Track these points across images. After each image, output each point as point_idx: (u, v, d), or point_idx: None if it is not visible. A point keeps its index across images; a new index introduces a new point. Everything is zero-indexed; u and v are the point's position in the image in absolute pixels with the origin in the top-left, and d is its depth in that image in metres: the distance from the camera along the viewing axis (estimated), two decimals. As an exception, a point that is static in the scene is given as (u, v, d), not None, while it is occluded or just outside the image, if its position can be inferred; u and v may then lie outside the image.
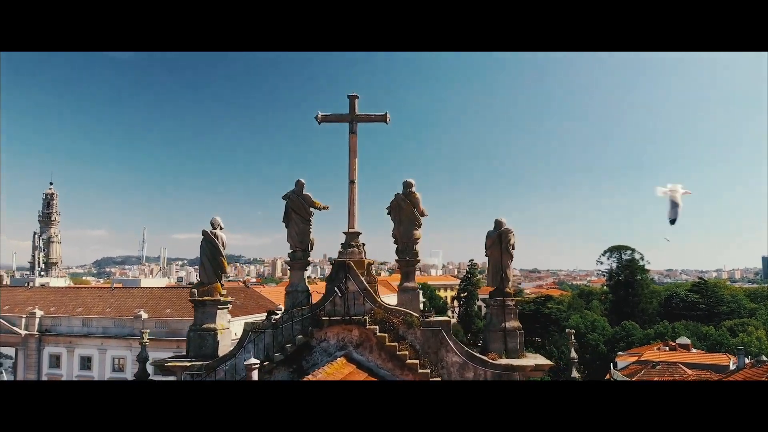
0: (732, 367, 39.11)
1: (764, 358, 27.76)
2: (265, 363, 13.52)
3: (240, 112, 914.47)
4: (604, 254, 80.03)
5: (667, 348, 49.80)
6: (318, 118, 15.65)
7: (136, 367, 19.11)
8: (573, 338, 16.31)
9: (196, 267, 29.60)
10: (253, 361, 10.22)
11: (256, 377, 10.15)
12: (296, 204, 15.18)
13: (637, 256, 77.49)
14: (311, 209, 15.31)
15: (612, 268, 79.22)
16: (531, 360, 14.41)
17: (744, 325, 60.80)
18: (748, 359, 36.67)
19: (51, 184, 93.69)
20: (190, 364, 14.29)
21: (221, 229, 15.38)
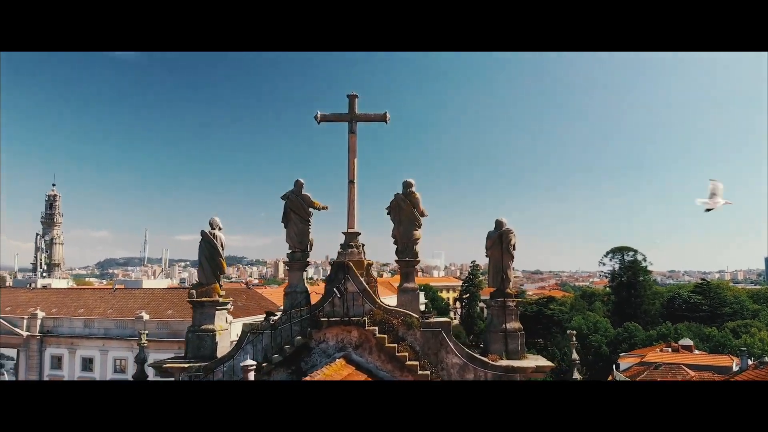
0: (735, 368, 38.98)
1: (767, 359, 27.61)
2: (264, 364, 13.43)
3: (240, 113, 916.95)
4: (607, 255, 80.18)
5: (670, 349, 49.59)
6: (317, 117, 15.58)
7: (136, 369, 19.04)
8: (575, 339, 16.24)
9: (198, 268, 29.44)
10: (249, 362, 10.13)
11: (253, 379, 10.06)
12: (295, 204, 15.09)
13: (639, 258, 77.66)
14: (310, 209, 15.21)
15: (615, 269, 79.37)
16: (532, 361, 14.28)
17: (747, 326, 60.66)
18: (751, 360, 36.59)
19: (54, 185, 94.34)
20: (188, 365, 14.20)
21: (220, 229, 15.28)
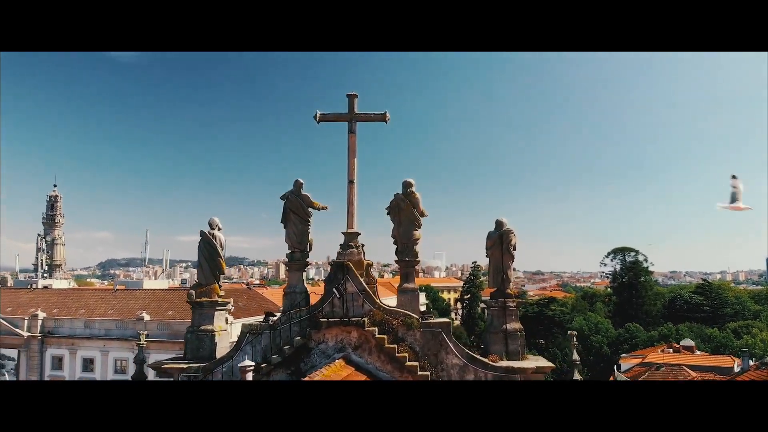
0: (737, 369, 38.86)
1: (769, 360, 27.53)
2: (263, 365, 13.39)
3: (240, 113, 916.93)
4: (608, 256, 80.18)
5: (671, 350, 49.49)
6: (317, 117, 15.54)
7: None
8: (575, 340, 16.16)
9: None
10: (248, 363, 10.09)
11: (251, 379, 10.02)
12: (294, 204, 15.05)
13: (640, 258, 77.61)
14: (310, 210, 15.18)
15: (616, 269, 79.36)
16: (532, 362, 14.22)
17: (748, 327, 60.56)
18: (752, 361, 36.51)
19: (55, 186, 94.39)
20: (187, 366, 14.16)
21: (219, 229, 15.25)
